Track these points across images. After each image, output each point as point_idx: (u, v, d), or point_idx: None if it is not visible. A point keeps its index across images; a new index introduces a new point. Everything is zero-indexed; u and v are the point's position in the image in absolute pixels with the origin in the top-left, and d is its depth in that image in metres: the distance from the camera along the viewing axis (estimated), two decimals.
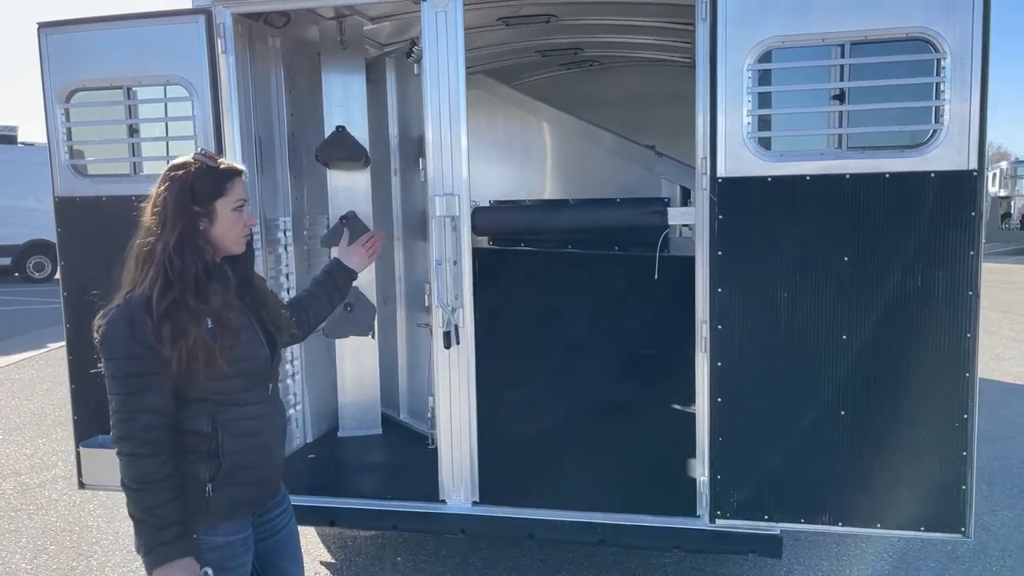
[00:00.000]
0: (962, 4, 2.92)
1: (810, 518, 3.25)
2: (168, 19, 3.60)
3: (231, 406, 2.14)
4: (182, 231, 2.08)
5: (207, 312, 2.07)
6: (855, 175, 3.06)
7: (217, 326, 2.08)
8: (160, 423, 2.04)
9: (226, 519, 2.15)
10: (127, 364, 2.03)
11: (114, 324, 2.05)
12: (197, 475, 2.10)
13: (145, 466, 2.01)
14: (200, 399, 2.10)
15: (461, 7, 3.43)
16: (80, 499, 5.29)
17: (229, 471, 2.13)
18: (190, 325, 2.03)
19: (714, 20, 3.12)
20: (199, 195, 2.12)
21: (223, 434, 2.12)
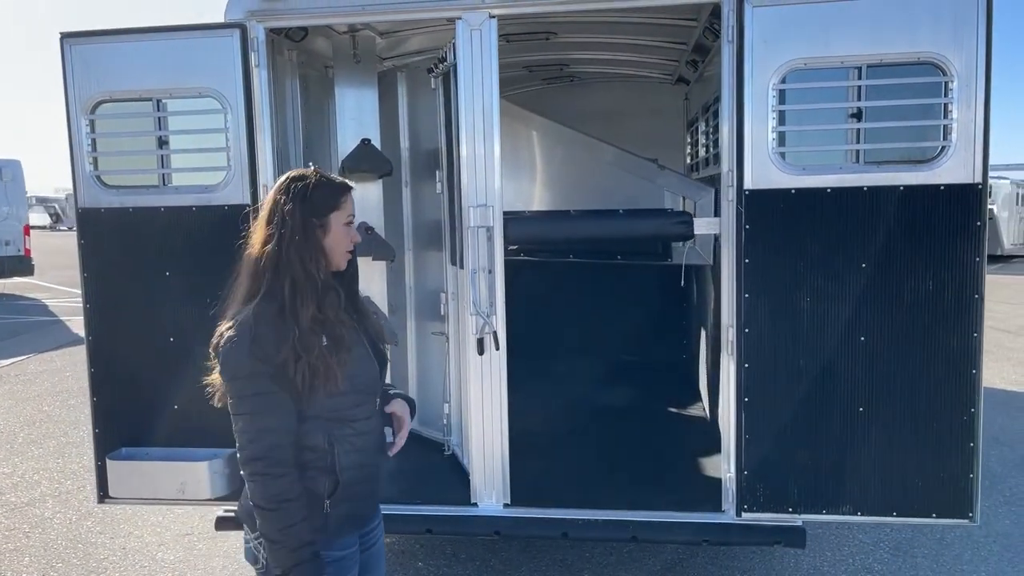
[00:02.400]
0: (967, 32, 3.19)
1: (831, 509, 3.46)
2: (202, 32, 3.63)
3: (344, 422, 2.14)
4: (304, 242, 2.09)
5: (324, 326, 2.07)
6: (871, 187, 3.30)
7: (331, 341, 2.08)
8: (286, 442, 2.05)
9: (342, 534, 2.17)
10: (252, 383, 2.02)
11: (237, 342, 2.02)
12: (316, 491, 2.11)
13: (278, 486, 2.01)
14: (315, 415, 2.10)
15: (496, 26, 3.57)
16: (75, 516, 5.19)
17: (345, 487, 2.14)
18: (313, 339, 2.03)
19: (740, 42, 3.32)
20: (318, 207, 2.13)
21: (339, 450, 2.12)
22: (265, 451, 2.02)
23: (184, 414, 3.76)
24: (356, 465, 2.17)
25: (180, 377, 3.77)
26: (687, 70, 6.17)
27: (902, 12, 3.21)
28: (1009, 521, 4.85)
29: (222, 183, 3.67)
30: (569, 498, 3.86)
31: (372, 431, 2.25)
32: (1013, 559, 4.36)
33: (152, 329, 3.76)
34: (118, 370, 3.83)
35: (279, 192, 2.16)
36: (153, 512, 5.12)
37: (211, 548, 4.64)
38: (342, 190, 2.21)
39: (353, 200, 2.25)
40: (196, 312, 3.73)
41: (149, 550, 4.66)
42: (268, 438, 2.03)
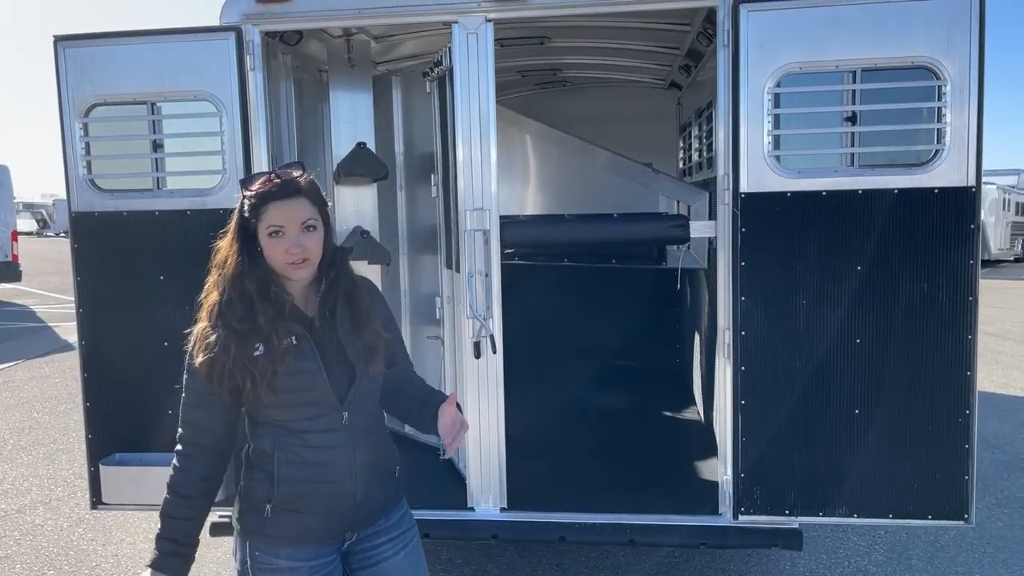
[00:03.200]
0: (960, 36, 3.22)
1: (827, 511, 3.47)
2: (197, 36, 3.62)
3: (295, 432, 2.10)
4: (238, 249, 2.09)
5: (256, 336, 2.03)
6: (866, 191, 3.32)
7: (265, 351, 2.03)
8: (198, 440, 2.10)
9: (286, 544, 2.12)
10: (186, 377, 2.13)
11: (191, 337, 2.13)
12: (258, 493, 2.12)
13: (175, 475, 2.12)
14: (265, 421, 2.11)
15: (492, 30, 3.57)
16: (67, 524, 5.14)
17: (286, 498, 2.09)
18: (231, 346, 2.02)
19: (736, 46, 3.34)
20: (246, 215, 2.09)
21: (280, 458, 2.09)
22: (181, 441, 2.13)
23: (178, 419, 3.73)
24: (303, 478, 2.09)
25: (174, 382, 3.71)
26: (680, 75, 6.21)
27: (896, 17, 3.24)
28: (1002, 523, 4.88)
29: (217, 187, 3.65)
30: (566, 502, 3.85)
31: (332, 446, 2.11)
32: (1007, 560, 4.38)
33: (146, 334, 3.73)
34: (111, 375, 3.80)
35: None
36: (145, 518, 5.07)
37: (203, 554, 4.56)
38: (261, 200, 2.05)
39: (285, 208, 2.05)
40: (190, 317, 3.71)
41: (142, 556, 4.61)
42: (186, 431, 2.13)
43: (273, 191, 2.06)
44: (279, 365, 2.04)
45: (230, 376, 2.02)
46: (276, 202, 2.05)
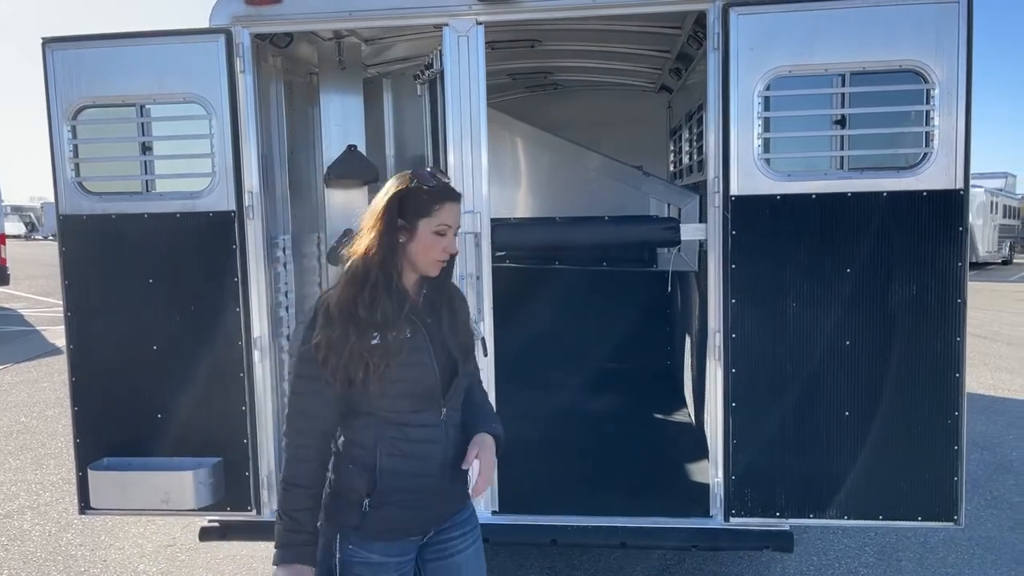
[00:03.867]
0: (948, 40, 3.24)
1: (818, 513, 3.48)
2: (187, 38, 3.60)
3: (396, 424, 2.12)
4: (384, 243, 2.09)
5: (374, 327, 2.06)
6: (856, 193, 3.34)
7: (381, 344, 2.06)
8: (313, 428, 2.07)
9: (379, 538, 2.13)
10: (298, 365, 2.09)
11: (305, 323, 2.12)
12: (356, 487, 2.11)
13: (294, 469, 2.07)
14: (367, 411, 2.11)
15: (482, 33, 3.57)
16: (55, 529, 5.10)
17: (386, 492, 2.11)
18: (351, 334, 2.03)
19: (726, 50, 3.35)
20: (407, 211, 2.12)
21: (381, 451, 2.11)
22: (292, 434, 2.08)
23: (168, 423, 3.72)
24: (399, 472, 2.12)
25: (164, 386, 3.73)
26: (670, 78, 6.23)
27: (884, 20, 3.26)
28: (991, 524, 4.90)
29: (207, 189, 3.64)
30: (557, 504, 3.85)
31: (429, 440, 2.16)
32: (996, 561, 4.40)
33: (135, 337, 3.72)
34: (100, 379, 3.77)
35: (382, 191, 2.19)
36: (134, 523, 5.05)
37: (193, 559, 4.58)
38: (439, 198, 2.16)
39: (456, 211, 2.20)
40: (180, 320, 3.70)
41: (131, 562, 4.59)
42: (298, 422, 2.08)
43: (451, 192, 2.20)
44: (394, 356, 2.07)
45: (345, 364, 2.03)
46: (450, 203, 2.18)
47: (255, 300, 3.70)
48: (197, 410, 3.71)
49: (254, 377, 3.70)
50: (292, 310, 4.62)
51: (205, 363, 3.70)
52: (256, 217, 3.68)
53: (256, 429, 3.73)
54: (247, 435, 3.71)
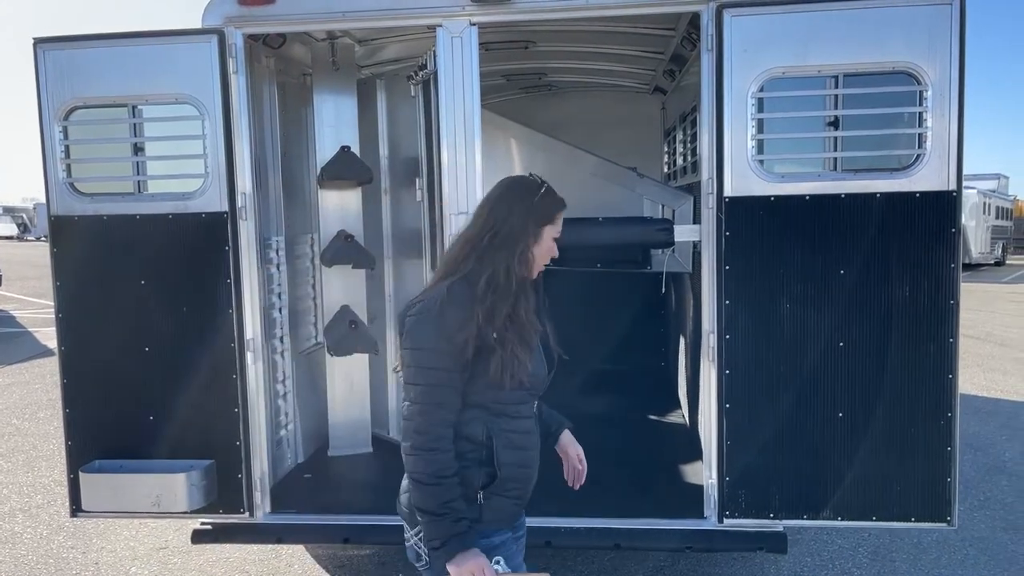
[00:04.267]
0: (941, 42, 3.25)
1: (812, 514, 3.48)
2: (179, 38, 3.59)
3: (504, 417, 2.17)
4: (515, 245, 2.15)
5: (516, 325, 2.11)
6: (849, 195, 3.34)
7: (522, 340, 2.11)
8: (451, 420, 2.09)
9: (493, 526, 2.17)
10: (434, 357, 2.06)
11: (426, 315, 2.08)
12: (470, 481, 2.12)
13: (441, 461, 2.04)
14: (477, 404, 2.13)
15: (476, 33, 3.57)
16: (46, 531, 5.06)
17: (502, 482, 2.15)
18: (506, 335, 2.08)
19: (720, 51, 3.35)
20: (538, 216, 2.20)
21: (498, 444, 2.15)
22: (432, 426, 2.05)
23: (160, 425, 3.70)
24: (515, 463, 2.18)
25: (155, 388, 3.71)
26: (664, 80, 6.23)
27: (877, 22, 3.26)
28: (984, 525, 4.92)
29: (199, 190, 3.62)
30: (551, 506, 3.82)
31: (531, 431, 2.26)
32: (989, 562, 4.41)
33: (127, 339, 3.70)
34: (92, 381, 3.75)
35: (508, 190, 2.24)
36: (126, 526, 5.02)
37: (186, 562, 4.56)
38: (561, 206, 2.27)
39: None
40: (172, 321, 3.69)
41: (123, 565, 4.56)
42: (437, 413, 2.06)
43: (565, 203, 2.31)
44: (530, 351, 2.13)
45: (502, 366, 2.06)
46: (563, 210, 2.29)
47: (248, 302, 3.68)
48: (189, 412, 3.70)
49: (247, 378, 3.69)
50: (285, 311, 4.62)
51: (197, 365, 3.69)
52: (249, 218, 3.67)
53: (249, 431, 3.71)
54: (240, 437, 3.70)
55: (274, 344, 4.50)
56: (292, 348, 4.69)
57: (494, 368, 2.07)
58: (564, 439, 2.60)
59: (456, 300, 2.07)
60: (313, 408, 4.90)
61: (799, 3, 3.30)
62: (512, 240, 2.15)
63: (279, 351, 4.57)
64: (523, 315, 2.13)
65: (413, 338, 2.09)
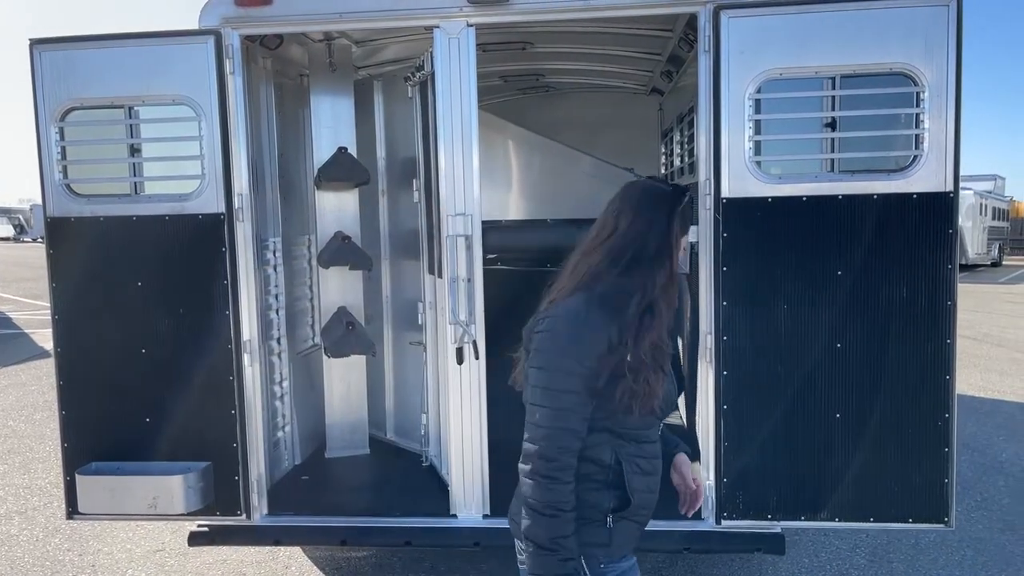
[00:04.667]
0: (938, 43, 3.25)
1: (810, 515, 3.48)
2: (176, 39, 3.58)
3: (633, 442, 2.02)
4: (668, 255, 1.97)
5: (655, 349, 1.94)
6: (846, 196, 3.34)
7: (652, 364, 1.94)
8: (577, 447, 1.92)
9: (623, 551, 2.06)
10: (565, 379, 1.88)
11: (561, 331, 1.91)
12: (599, 505, 1.99)
13: (560, 492, 1.88)
14: (603, 428, 1.97)
15: (473, 35, 3.56)
16: (43, 534, 5.05)
17: (634, 509, 2.01)
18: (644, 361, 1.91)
19: (717, 52, 3.35)
20: (683, 225, 2.03)
21: (627, 470, 2.00)
22: (557, 452, 1.89)
23: (156, 427, 3.69)
24: (645, 488, 2.05)
25: (152, 390, 3.70)
26: (661, 81, 6.23)
27: (874, 24, 3.26)
28: (982, 526, 4.92)
29: (196, 191, 3.61)
30: None
31: (657, 456, 2.11)
32: (987, 563, 4.41)
33: (123, 341, 3.69)
34: (88, 383, 3.74)
35: (646, 196, 2.04)
36: (123, 528, 5.01)
37: (183, 564, 4.55)
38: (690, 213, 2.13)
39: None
40: (169, 323, 3.68)
41: (119, 567, 4.55)
42: (563, 439, 1.90)
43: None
44: (664, 374, 1.97)
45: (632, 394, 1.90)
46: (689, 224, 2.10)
47: (245, 303, 3.68)
48: (186, 414, 3.69)
49: (244, 380, 3.68)
50: (283, 313, 4.61)
51: (194, 366, 3.68)
52: (246, 219, 3.66)
53: (246, 433, 3.70)
54: (237, 439, 3.69)
55: (271, 345, 4.49)
56: (289, 349, 4.68)
57: (622, 395, 1.89)
58: (679, 461, 2.36)
59: (595, 321, 1.90)
60: (310, 409, 4.89)
61: (796, 4, 3.30)
62: (661, 255, 1.96)
63: (276, 352, 4.56)
64: (664, 339, 1.96)
65: (543, 357, 1.91)
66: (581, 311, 1.92)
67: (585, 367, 1.88)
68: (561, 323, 1.93)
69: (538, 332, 1.95)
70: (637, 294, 1.93)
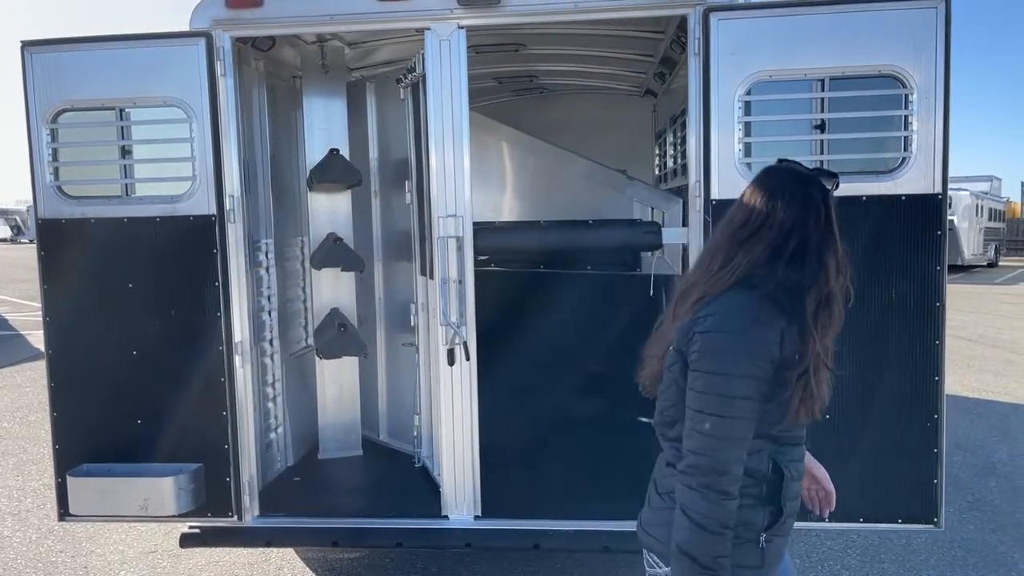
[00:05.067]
0: (927, 45, 3.26)
1: (798, 516, 3.47)
2: (167, 41, 3.58)
3: (788, 446, 1.89)
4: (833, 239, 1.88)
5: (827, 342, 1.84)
6: (835, 198, 3.34)
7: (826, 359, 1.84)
8: (740, 458, 1.77)
9: (774, 569, 1.93)
10: (741, 385, 1.74)
11: (729, 331, 1.77)
12: (752, 523, 1.85)
13: (727, 509, 1.75)
14: (763, 435, 1.82)
15: (464, 37, 3.57)
16: (36, 535, 5.05)
17: (783, 521, 1.88)
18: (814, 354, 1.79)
19: (707, 54, 3.36)
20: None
21: (786, 478, 1.86)
22: (728, 465, 1.75)
23: (147, 429, 3.70)
24: (793, 496, 1.93)
25: (143, 391, 3.70)
26: (655, 82, 6.24)
27: (864, 26, 3.27)
28: (973, 527, 4.93)
29: (187, 193, 3.62)
30: (540, 509, 3.84)
31: (803, 458, 2.00)
32: (978, 564, 4.42)
33: (115, 342, 3.69)
34: (79, 384, 3.74)
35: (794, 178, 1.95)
36: (116, 529, 5.01)
37: (175, 566, 4.55)
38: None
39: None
40: (160, 324, 3.68)
41: (112, 569, 4.55)
42: (735, 451, 1.76)
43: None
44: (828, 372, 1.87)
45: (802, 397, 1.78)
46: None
47: (236, 304, 3.68)
48: (177, 415, 3.69)
49: (235, 382, 3.68)
50: (275, 314, 4.61)
51: (186, 368, 3.68)
52: (237, 221, 3.66)
53: (237, 434, 3.70)
54: (228, 440, 3.69)
55: (264, 347, 4.49)
56: (282, 351, 4.68)
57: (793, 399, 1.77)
58: (810, 463, 2.22)
59: (768, 318, 1.77)
60: (303, 411, 4.89)
61: (785, 6, 3.32)
62: (826, 242, 1.85)
63: (269, 354, 4.56)
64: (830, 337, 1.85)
65: (712, 360, 1.76)
66: (751, 307, 1.79)
67: (760, 369, 1.75)
68: (730, 322, 1.79)
69: (701, 332, 1.80)
70: (811, 288, 1.81)
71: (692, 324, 1.85)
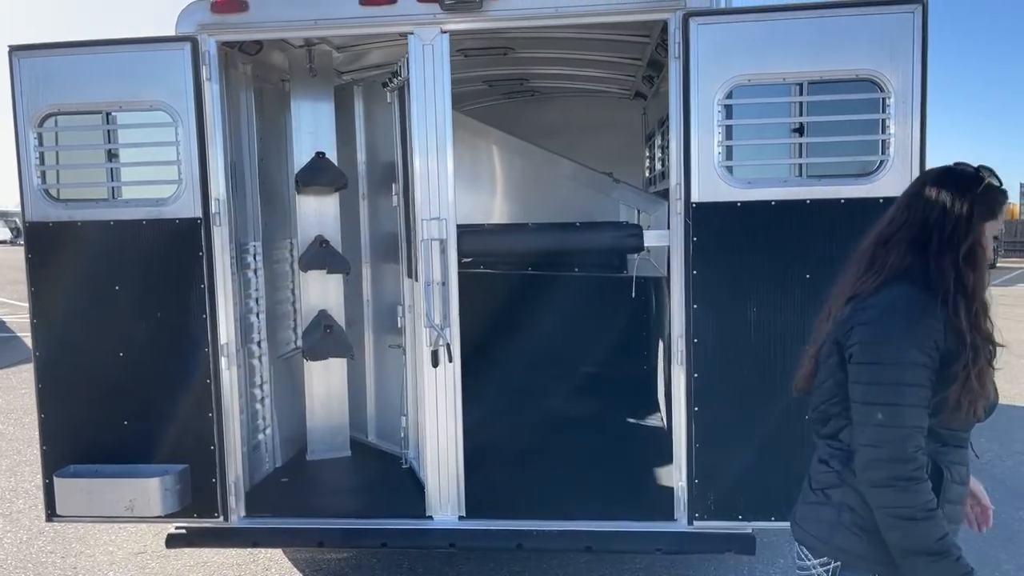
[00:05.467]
0: (903, 50, 3.29)
1: (779, 516, 3.50)
2: (152, 46, 3.62)
3: (950, 446, 1.87)
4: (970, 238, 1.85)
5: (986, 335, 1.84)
6: (814, 200, 3.39)
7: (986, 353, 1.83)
8: (923, 447, 1.76)
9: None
10: (913, 373, 1.75)
11: (893, 322, 1.79)
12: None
13: (926, 491, 1.75)
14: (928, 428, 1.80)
15: (447, 41, 3.60)
16: (26, 536, 5.08)
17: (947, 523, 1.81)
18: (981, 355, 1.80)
19: (687, 58, 3.39)
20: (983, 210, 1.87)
21: (946, 478, 1.83)
22: (912, 452, 1.74)
23: (134, 430, 3.73)
24: (958, 500, 1.90)
25: (130, 393, 3.74)
26: (644, 85, 6.27)
27: (841, 31, 3.31)
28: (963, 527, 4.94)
29: (173, 196, 3.65)
30: (524, 509, 3.87)
31: (968, 463, 1.95)
32: None
33: (102, 344, 3.72)
34: (66, 386, 3.78)
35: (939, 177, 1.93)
36: (106, 530, 5.03)
37: (164, 566, 4.57)
38: (1004, 198, 1.93)
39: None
40: (146, 326, 3.71)
41: (100, 569, 4.58)
42: (916, 438, 1.75)
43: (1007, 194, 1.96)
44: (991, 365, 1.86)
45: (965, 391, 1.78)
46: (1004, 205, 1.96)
47: (222, 307, 3.71)
48: (164, 417, 3.72)
49: (221, 383, 3.71)
50: (263, 316, 4.64)
51: (172, 370, 3.71)
52: (223, 224, 3.70)
53: (224, 435, 3.74)
54: (214, 441, 3.72)
55: (252, 348, 4.52)
56: (270, 353, 4.71)
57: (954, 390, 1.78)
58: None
59: (930, 307, 1.79)
60: (292, 412, 4.92)
61: (764, 12, 3.35)
62: (961, 239, 1.84)
63: (257, 355, 4.59)
64: (990, 327, 1.85)
65: (877, 350, 1.79)
66: (913, 297, 1.82)
67: (927, 357, 1.76)
68: (892, 311, 1.81)
69: (863, 324, 1.83)
70: (954, 282, 1.82)
71: (852, 316, 1.87)
